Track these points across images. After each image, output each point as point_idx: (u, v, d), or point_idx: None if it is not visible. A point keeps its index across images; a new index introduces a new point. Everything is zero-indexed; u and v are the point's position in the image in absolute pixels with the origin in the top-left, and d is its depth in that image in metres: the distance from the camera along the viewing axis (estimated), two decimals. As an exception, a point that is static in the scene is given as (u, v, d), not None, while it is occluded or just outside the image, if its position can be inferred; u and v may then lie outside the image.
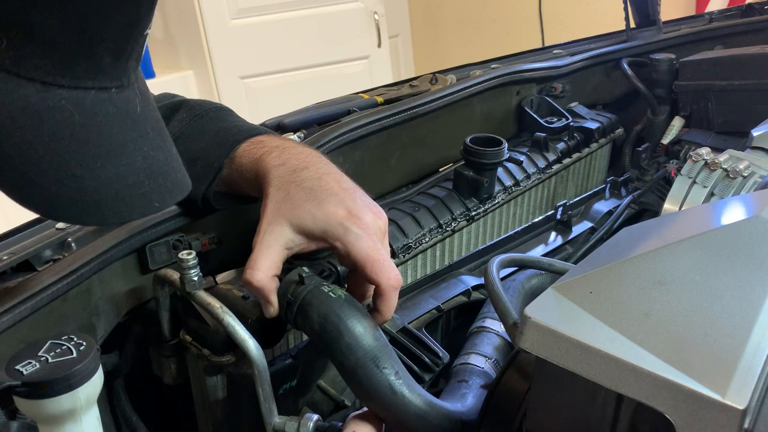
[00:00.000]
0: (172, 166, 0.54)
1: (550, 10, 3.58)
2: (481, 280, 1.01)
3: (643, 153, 1.43)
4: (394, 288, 0.67)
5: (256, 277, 0.66)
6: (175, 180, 0.53)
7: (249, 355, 0.64)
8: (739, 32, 1.58)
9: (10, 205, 0.50)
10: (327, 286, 0.66)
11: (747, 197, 0.75)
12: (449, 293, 0.97)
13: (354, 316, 0.63)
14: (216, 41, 2.89)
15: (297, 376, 0.80)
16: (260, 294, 0.67)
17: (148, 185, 0.50)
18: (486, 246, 1.09)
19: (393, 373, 0.62)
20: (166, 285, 0.75)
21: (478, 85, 1.19)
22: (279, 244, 0.68)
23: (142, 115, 0.49)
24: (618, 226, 1.25)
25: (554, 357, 0.46)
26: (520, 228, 1.15)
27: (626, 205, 1.28)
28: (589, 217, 1.28)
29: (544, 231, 1.21)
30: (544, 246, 1.18)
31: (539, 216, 1.20)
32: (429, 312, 0.93)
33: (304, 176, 0.70)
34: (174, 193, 0.54)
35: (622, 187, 1.37)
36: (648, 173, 1.42)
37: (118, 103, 0.48)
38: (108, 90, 0.47)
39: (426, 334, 0.83)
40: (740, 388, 0.39)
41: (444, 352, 0.80)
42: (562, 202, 1.21)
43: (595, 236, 1.21)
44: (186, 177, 0.56)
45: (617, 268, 0.51)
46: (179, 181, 0.54)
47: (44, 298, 0.65)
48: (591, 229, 1.23)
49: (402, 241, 0.96)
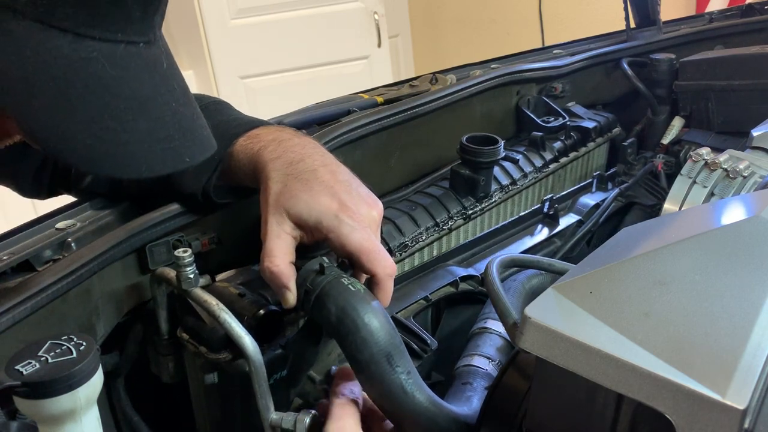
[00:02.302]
0: (198, 123, 0.54)
1: (550, 10, 3.58)
2: (468, 271, 1.01)
3: (629, 148, 1.43)
4: (389, 276, 0.69)
5: (275, 263, 0.67)
6: (203, 137, 0.53)
7: (245, 352, 0.64)
8: (739, 32, 1.58)
9: (11, 205, 0.50)
10: (347, 278, 0.67)
11: (747, 197, 0.75)
12: (437, 284, 0.97)
13: (372, 311, 0.63)
14: (216, 41, 2.89)
15: (287, 366, 0.80)
16: (279, 281, 0.67)
17: (178, 140, 0.51)
18: (473, 239, 1.09)
19: (405, 372, 0.62)
20: (163, 283, 0.75)
21: (478, 85, 1.19)
22: (285, 232, 0.69)
23: (169, 71, 0.50)
24: (605, 218, 1.25)
25: (554, 357, 0.46)
26: (506, 221, 1.14)
27: (613, 198, 1.28)
28: (576, 210, 1.27)
29: (531, 224, 1.20)
30: (530, 237, 1.17)
31: (526, 210, 1.20)
32: (417, 302, 0.93)
33: (300, 168, 0.72)
34: (203, 149, 0.54)
35: (608, 181, 1.37)
36: (635, 168, 1.43)
37: (146, 57, 0.48)
38: (137, 44, 0.47)
39: (414, 323, 0.83)
40: (740, 388, 0.39)
41: (432, 339, 0.81)
42: (548, 196, 1.20)
43: (583, 229, 1.21)
44: (211, 136, 0.56)
45: (617, 268, 0.51)
46: (206, 138, 0.54)
47: (44, 298, 0.65)
48: (578, 222, 1.23)
49: (399, 239, 0.96)
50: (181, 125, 0.50)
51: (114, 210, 0.85)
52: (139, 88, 0.48)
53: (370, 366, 0.62)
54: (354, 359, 0.63)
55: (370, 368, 0.62)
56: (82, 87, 0.48)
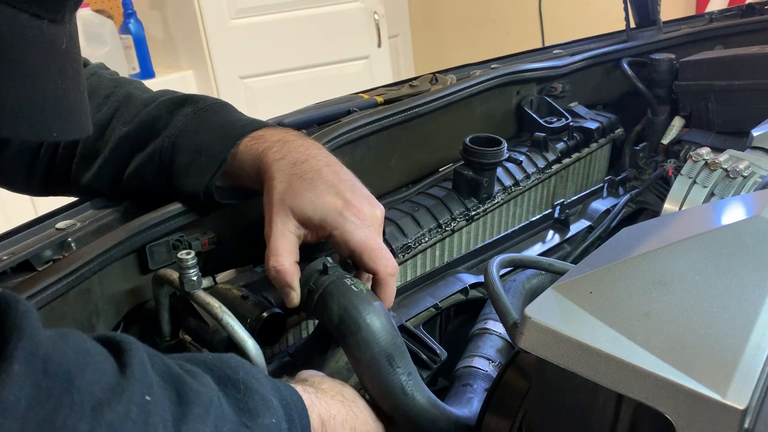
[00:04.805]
0: (79, 106, 0.54)
1: (550, 10, 3.58)
2: (478, 278, 1.01)
3: (641, 152, 1.43)
4: (391, 275, 0.70)
5: (281, 262, 0.68)
6: (79, 119, 0.53)
7: (248, 355, 0.64)
8: (739, 32, 1.58)
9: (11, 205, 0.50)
10: (350, 279, 0.67)
11: (747, 197, 0.75)
12: (447, 291, 0.97)
13: (374, 312, 0.64)
14: (216, 41, 2.89)
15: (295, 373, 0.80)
16: (283, 280, 0.68)
17: (50, 113, 0.50)
18: (483, 245, 1.09)
19: (406, 374, 0.63)
20: (165, 285, 0.75)
21: (478, 85, 1.19)
22: (290, 231, 0.70)
23: (65, 53, 0.50)
24: (616, 224, 1.25)
25: (554, 357, 0.46)
26: (517, 227, 1.15)
27: (624, 204, 1.28)
28: (587, 215, 1.28)
29: (541, 230, 1.21)
30: (541, 244, 1.17)
31: (537, 215, 1.20)
32: (427, 310, 0.93)
33: (305, 168, 0.72)
34: (75, 130, 0.53)
35: (619, 186, 1.37)
36: (645, 172, 1.42)
37: (47, 33, 0.48)
38: (41, 19, 0.47)
39: (423, 332, 0.83)
40: (740, 388, 0.39)
41: (441, 350, 0.80)
42: (559, 201, 1.21)
43: (593, 235, 1.21)
44: (89, 122, 0.56)
45: (617, 268, 0.51)
46: (82, 121, 0.54)
47: (44, 298, 0.65)
48: (589, 227, 1.23)
49: (401, 240, 0.96)
50: (59, 102, 0.50)
51: (114, 210, 0.85)
52: (28, 58, 0.47)
53: (371, 366, 0.62)
54: (355, 359, 0.63)
55: (371, 368, 0.62)
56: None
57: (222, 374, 0.53)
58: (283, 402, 0.55)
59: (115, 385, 0.42)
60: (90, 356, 0.43)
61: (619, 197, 1.32)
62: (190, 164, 0.79)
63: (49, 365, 0.40)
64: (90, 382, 0.41)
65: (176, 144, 0.81)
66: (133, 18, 2.95)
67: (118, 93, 0.88)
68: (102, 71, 0.94)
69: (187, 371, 0.50)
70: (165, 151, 0.81)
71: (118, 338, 0.47)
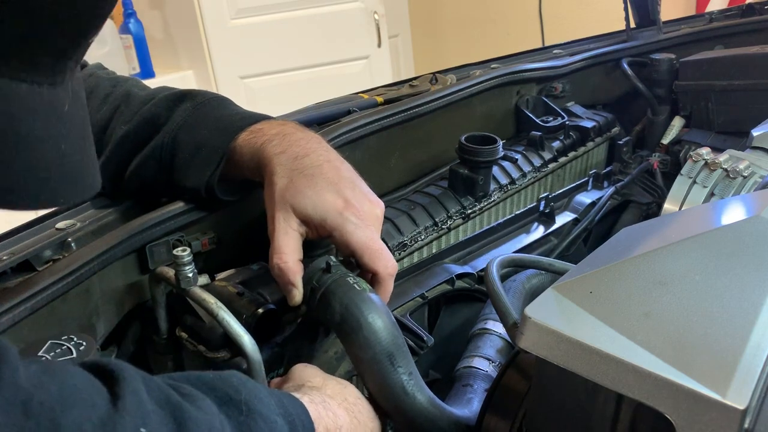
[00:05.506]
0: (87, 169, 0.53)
1: (550, 10, 3.58)
2: (464, 268, 1.01)
3: (624, 146, 1.43)
4: (390, 275, 0.71)
5: (284, 260, 0.68)
6: (86, 183, 0.53)
7: (244, 351, 0.65)
8: (739, 32, 1.58)
9: (10, 205, 0.50)
10: (352, 277, 0.67)
11: (747, 197, 0.75)
12: (433, 281, 0.97)
13: (375, 311, 0.64)
14: (216, 41, 2.89)
15: (284, 364, 0.80)
16: (287, 277, 0.68)
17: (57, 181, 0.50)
18: (470, 237, 1.08)
19: (406, 373, 0.63)
20: (162, 282, 0.75)
21: (478, 85, 1.19)
22: (293, 229, 0.70)
23: (69, 114, 0.49)
24: (601, 216, 1.25)
25: (554, 357, 0.46)
26: (503, 220, 1.14)
27: (609, 196, 1.28)
28: (572, 208, 1.27)
29: (527, 222, 1.20)
30: (526, 235, 1.17)
31: (522, 208, 1.20)
32: (413, 299, 0.93)
33: (306, 164, 0.72)
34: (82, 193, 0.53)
35: (604, 180, 1.37)
36: (630, 166, 1.42)
37: (47, 98, 0.47)
38: (40, 85, 0.46)
39: (410, 319, 0.84)
40: (740, 388, 0.39)
41: (428, 336, 0.81)
42: (544, 195, 1.20)
43: (579, 227, 1.21)
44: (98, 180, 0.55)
45: (617, 268, 0.51)
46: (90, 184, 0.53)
47: (44, 298, 0.65)
48: (574, 220, 1.23)
49: (397, 238, 0.96)
50: (64, 168, 0.49)
51: (114, 210, 0.85)
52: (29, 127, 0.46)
53: (372, 365, 0.62)
54: (356, 358, 0.63)
55: (372, 367, 0.62)
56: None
57: (224, 395, 0.52)
58: (288, 419, 0.54)
59: (106, 420, 0.41)
60: (77, 392, 0.41)
61: (604, 190, 1.32)
62: (191, 159, 0.80)
63: (30, 407, 0.38)
64: (78, 420, 0.39)
65: (176, 140, 0.81)
66: (133, 18, 2.95)
67: (117, 92, 0.88)
68: (99, 71, 0.94)
69: (185, 395, 0.49)
70: (165, 147, 0.81)
71: (111, 366, 0.46)
